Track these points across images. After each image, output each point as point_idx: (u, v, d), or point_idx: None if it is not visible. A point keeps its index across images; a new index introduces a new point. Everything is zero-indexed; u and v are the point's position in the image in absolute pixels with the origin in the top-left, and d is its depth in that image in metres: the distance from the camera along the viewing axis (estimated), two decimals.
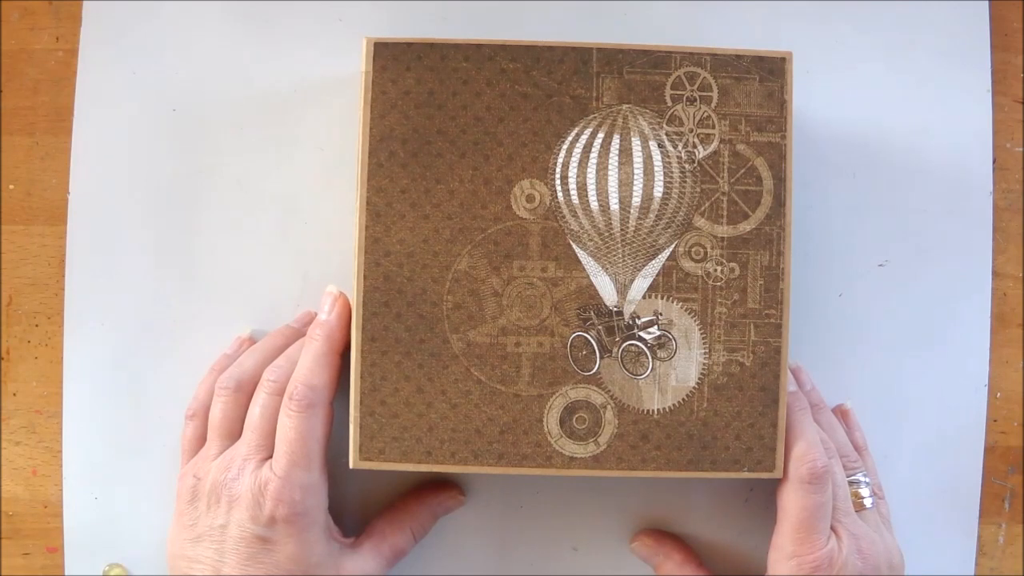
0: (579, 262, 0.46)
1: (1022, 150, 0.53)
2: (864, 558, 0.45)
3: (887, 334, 0.52)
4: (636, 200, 0.45)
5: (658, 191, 0.46)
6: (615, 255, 0.46)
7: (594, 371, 0.46)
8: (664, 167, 0.46)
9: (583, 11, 0.51)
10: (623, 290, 0.46)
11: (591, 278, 0.46)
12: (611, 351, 0.46)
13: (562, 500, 0.52)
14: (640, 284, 0.46)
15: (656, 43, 0.46)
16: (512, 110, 0.46)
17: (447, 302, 0.46)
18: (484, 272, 0.46)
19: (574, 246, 0.46)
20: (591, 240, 0.46)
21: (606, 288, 0.46)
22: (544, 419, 0.46)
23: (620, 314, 0.46)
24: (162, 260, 0.51)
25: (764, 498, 0.51)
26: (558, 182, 0.46)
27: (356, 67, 0.46)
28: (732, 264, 0.46)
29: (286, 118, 0.51)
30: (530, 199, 0.46)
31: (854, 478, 0.48)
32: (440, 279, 0.46)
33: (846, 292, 0.52)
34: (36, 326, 0.52)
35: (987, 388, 0.52)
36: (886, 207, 0.52)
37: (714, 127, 0.46)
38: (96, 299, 0.51)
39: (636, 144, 0.46)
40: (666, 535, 0.51)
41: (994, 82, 0.52)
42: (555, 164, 0.46)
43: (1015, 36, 0.53)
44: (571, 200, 0.46)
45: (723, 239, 0.46)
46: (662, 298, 0.46)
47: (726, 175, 0.46)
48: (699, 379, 0.46)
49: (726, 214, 0.46)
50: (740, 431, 0.46)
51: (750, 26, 0.52)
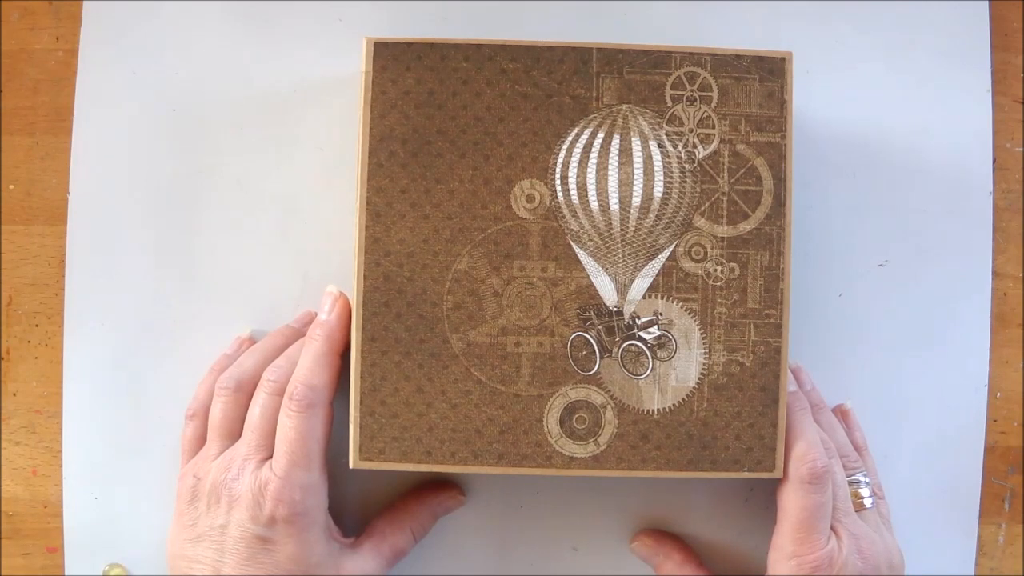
0: (579, 262, 0.46)
1: (1022, 150, 0.53)
2: (864, 558, 0.45)
3: (887, 334, 0.52)
4: (636, 200, 0.45)
5: (658, 191, 0.46)
6: (615, 255, 0.46)
7: (594, 371, 0.46)
8: (664, 167, 0.46)
9: (583, 11, 0.51)
10: (623, 290, 0.46)
11: (591, 278, 0.46)
12: (611, 351, 0.46)
13: (562, 500, 0.52)
14: (640, 284, 0.46)
15: (656, 43, 0.46)
16: (512, 110, 0.46)
17: (447, 302, 0.46)
18: (484, 272, 0.46)
19: (574, 246, 0.46)
20: (591, 240, 0.46)
21: (606, 288, 0.46)
22: (544, 419, 0.46)
23: (620, 314, 0.46)
24: (162, 260, 0.51)
25: (764, 498, 0.51)
26: (558, 182, 0.46)
27: (356, 67, 0.46)
28: (732, 264, 0.46)
29: (286, 118, 0.51)
30: (530, 199, 0.46)
31: (854, 478, 0.48)
32: (440, 279, 0.46)
33: (846, 292, 0.52)
34: (36, 326, 0.52)
35: (987, 388, 0.52)
36: (886, 207, 0.52)
37: (714, 127, 0.46)
38: (96, 299, 0.51)
39: (636, 144, 0.46)
40: (666, 535, 0.51)
41: (994, 82, 0.52)
42: (555, 164, 0.46)
43: (1015, 36, 0.53)
44: (571, 200, 0.46)
45: (723, 239, 0.46)
46: (662, 298, 0.46)
47: (726, 175, 0.46)
48: (699, 379, 0.46)
49: (726, 214, 0.46)
50: (740, 431, 0.46)
51: (750, 26, 0.52)
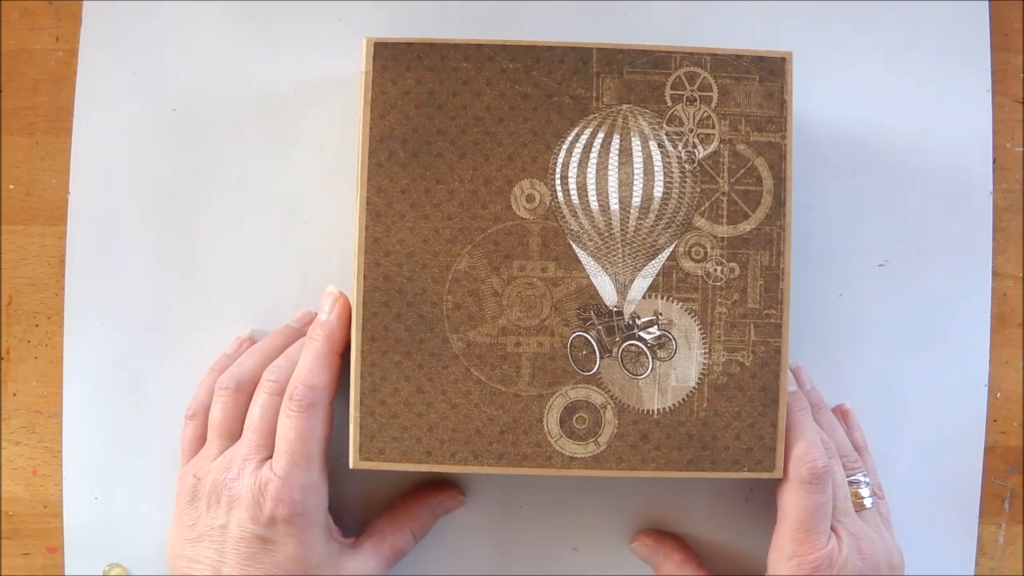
0: (579, 262, 0.46)
1: (1022, 150, 0.53)
2: (864, 558, 0.45)
3: (887, 334, 0.52)
4: (636, 200, 0.45)
5: (658, 191, 0.46)
6: (615, 255, 0.46)
7: (594, 371, 0.46)
8: (664, 167, 0.46)
9: (583, 11, 0.51)
10: (623, 290, 0.46)
11: (591, 278, 0.46)
12: (611, 351, 0.46)
13: (562, 500, 0.52)
14: (640, 284, 0.46)
15: (656, 43, 0.46)
16: (512, 110, 0.46)
17: (447, 302, 0.46)
18: (484, 272, 0.46)
19: (574, 246, 0.46)
20: (591, 240, 0.46)
21: (606, 288, 0.46)
22: (544, 419, 0.46)
23: (620, 314, 0.46)
24: (162, 260, 0.51)
25: (764, 498, 0.51)
26: (558, 182, 0.46)
27: (356, 67, 0.46)
28: (732, 264, 0.46)
29: (286, 118, 0.51)
30: (530, 199, 0.46)
31: (854, 478, 0.48)
32: (440, 279, 0.46)
33: (846, 292, 0.52)
34: (36, 326, 0.52)
35: (987, 388, 0.52)
36: (886, 207, 0.52)
37: (714, 127, 0.46)
38: (96, 299, 0.51)
39: (636, 144, 0.46)
40: (666, 535, 0.51)
41: (994, 82, 0.52)
42: (555, 164, 0.46)
43: (1015, 36, 0.53)
44: (571, 200, 0.46)
45: (723, 239, 0.46)
46: (662, 298, 0.46)
47: (726, 175, 0.46)
48: (699, 379, 0.46)
49: (726, 214, 0.46)
50: (740, 431, 0.46)
51: (750, 26, 0.52)
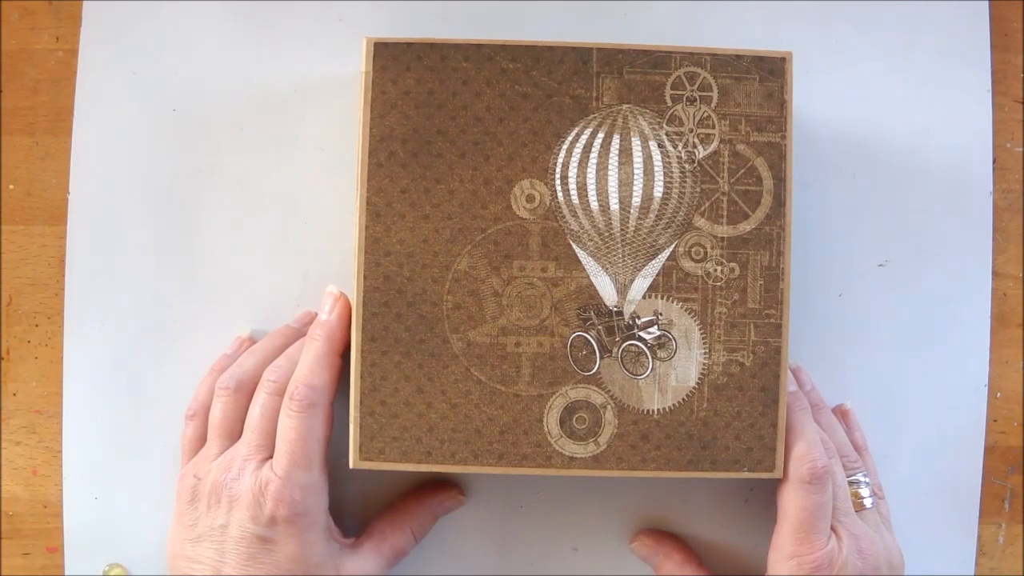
0: (579, 262, 0.46)
1: (1022, 150, 0.53)
2: (864, 558, 0.45)
3: (887, 334, 0.52)
4: (636, 200, 0.45)
5: (658, 191, 0.46)
6: (615, 255, 0.46)
7: (594, 371, 0.46)
8: (664, 167, 0.46)
9: (583, 11, 0.51)
10: (623, 290, 0.46)
11: (591, 278, 0.46)
12: (611, 351, 0.46)
13: (562, 500, 0.52)
14: (640, 284, 0.46)
15: (656, 43, 0.46)
16: (512, 110, 0.46)
17: (447, 302, 0.46)
18: (484, 272, 0.46)
19: (574, 246, 0.46)
20: (591, 240, 0.46)
21: (606, 288, 0.46)
22: (544, 419, 0.46)
23: (620, 314, 0.46)
24: (162, 260, 0.51)
25: (764, 498, 0.51)
26: (558, 182, 0.46)
27: (356, 67, 0.46)
28: (732, 264, 0.46)
29: (286, 118, 0.51)
30: (530, 199, 0.46)
31: (854, 478, 0.48)
32: (440, 279, 0.46)
33: (846, 292, 0.52)
34: (36, 326, 0.52)
35: (987, 388, 0.52)
36: (886, 207, 0.52)
37: (714, 127, 0.46)
38: (96, 299, 0.51)
39: (636, 144, 0.46)
40: (666, 535, 0.51)
41: (994, 82, 0.52)
42: (555, 164, 0.46)
43: (1015, 36, 0.53)
44: (571, 200, 0.46)
45: (723, 239, 0.46)
46: (662, 298, 0.46)
47: (726, 175, 0.46)
48: (699, 379, 0.46)
49: (726, 214, 0.46)
50: (740, 431, 0.46)
51: (750, 26, 0.52)
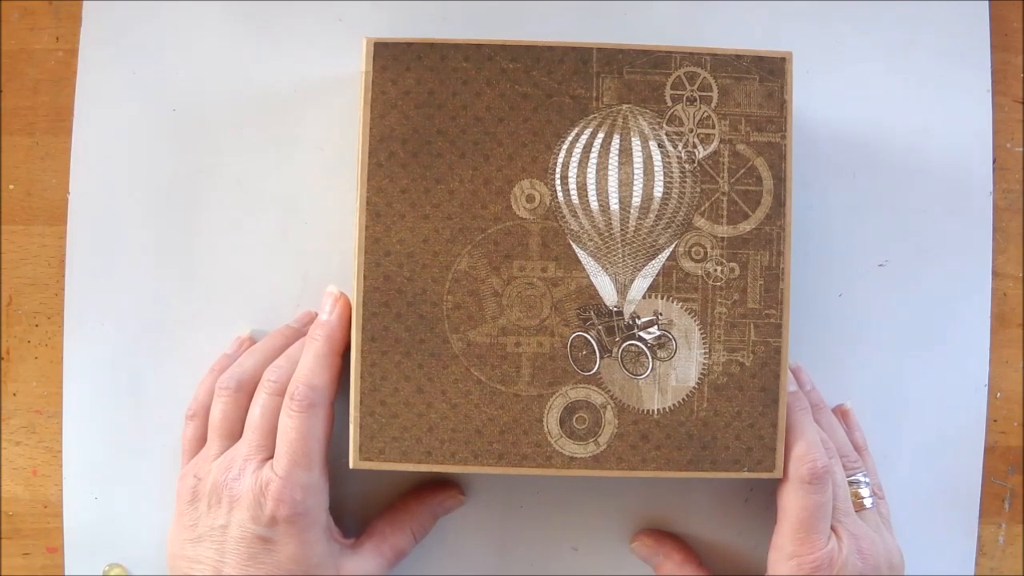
0: (579, 262, 0.46)
1: (1022, 150, 0.53)
2: (864, 558, 0.45)
3: (887, 334, 0.52)
4: (636, 200, 0.45)
5: (658, 191, 0.46)
6: (615, 255, 0.46)
7: (594, 371, 0.46)
8: (664, 167, 0.46)
9: (583, 11, 0.51)
10: (623, 290, 0.46)
11: (591, 278, 0.46)
12: (611, 351, 0.46)
13: (562, 500, 0.52)
14: (640, 284, 0.46)
15: (656, 43, 0.46)
16: (512, 110, 0.46)
17: (447, 302, 0.46)
18: (484, 272, 0.46)
19: (574, 246, 0.46)
20: (591, 240, 0.46)
21: (606, 288, 0.46)
22: (544, 419, 0.46)
23: (620, 314, 0.46)
24: (162, 260, 0.51)
25: (764, 498, 0.51)
26: (558, 182, 0.46)
27: (356, 67, 0.46)
28: (732, 264, 0.46)
29: (286, 118, 0.51)
30: (530, 199, 0.46)
31: (854, 478, 0.48)
32: (440, 279, 0.46)
33: (846, 292, 0.52)
34: (36, 326, 0.52)
35: (987, 388, 0.52)
36: (886, 207, 0.52)
37: (714, 127, 0.46)
38: (96, 299, 0.51)
39: (636, 144, 0.46)
40: (666, 535, 0.51)
41: (994, 82, 0.52)
42: (555, 164, 0.46)
43: (1015, 36, 0.53)
44: (571, 200, 0.46)
45: (723, 239, 0.46)
46: (662, 298, 0.46)
47: (726, 175, 0.46)
48: (699, 379, 0.46)
49: (726, 214, 0.46)
50: (740, 431, 0.46)
51: (750, 26, 0.52)
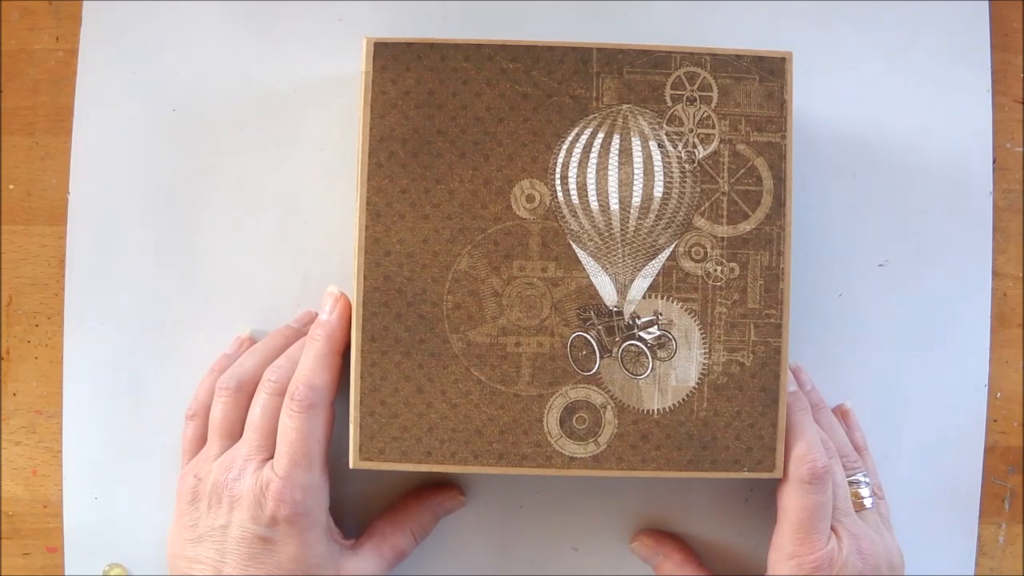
0: (579, 262, 0.46)
1: (1022, 150, 0.53)
2: (864, 558, 0.45)
3: (887, 334, 0.52)
4: (636, 200, 0.45)
5: (658, 191, 0.46)
6: (615, 255, 0.46)
7: (594, 371, 0.46)
8: (664, 167, 0.46)
9: (583, 11, 0.51)
10: (623, 290, 0.46)
11: (591, 278, 0.46)
12: (611, 351, 0.46)
13: (562, 500, 0.52)
14: (640, 284, 0.46)
15: (656, 43, 0.46)
16: (512, 110, 0.46)
17: (447, 302, 0.46)
18: (484, 272, 0.46)
19: (574, 246, 0.46)
20: (591, 240, 0.46)
21: (606, 288, 0.46)
22: (544, 419, 0.46)
23: (620, 314, 0.46)
24: (162, 260, 0.51)
25: (764, 498, 0.51)
26: (558, 182, 0.46)
27: (356, 67, 0.46)
28: (732, 264, 0.46)
29: (286, 118, 0.51)
30: (530, 199, 0.46)
31: (854, 478, 0.48)
32: (440, 279, 0.46)
33: (846, 292, 0.52)
34: (36, 326, 0.52)
35: (987, 388, 0.52)
36: (886, 207, 0.52)
37: (714, 127, 0.46)
38: (96, 299, 0.51)
39: (636, 144, 0.46)
40: (666, 535, 0.51)
41: (994, 82, 0.52)
42: (555, 164, 0.46)
43: (1015, 36, 0.53)
44: (571, 200, 0.46)
45: (723, 239, 0.46)
46: (662, 298, 0.46)
47: (726, 175, 0.46)
48: (699, 379, 0.46)
49: (726, 214, 0.46)
50: (740, 431, 0.46)
51: (750, 26, 0.52)
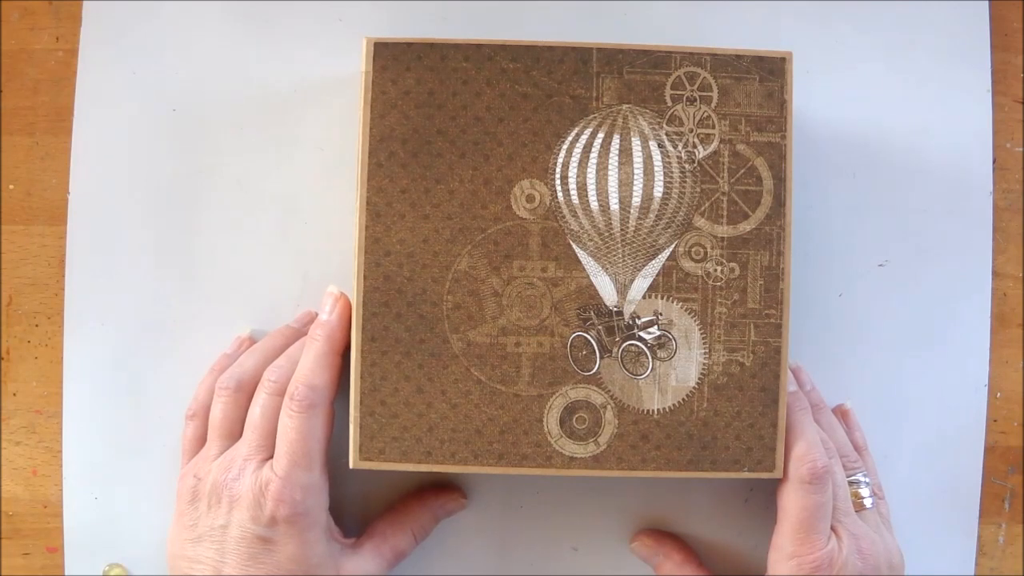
0: (579, 262, 0.46)
1: (1022, 150, 0.53)
2: (864, 558, 0.45)
3: (887, 334, 0.52)
4: (636, 200, 0.45)
5: (658, 191, 0.46)
6: (615, 255, 0.46)
7: (594, 371, 0.46)
8: (664, 167, 0.46)
9: (583, 11, 0.51)
10: (623, 290, 0.46)
11: (591, 278, 0.46)
12: (611, 351, 0.46)
13: (562, 500, 0.52)
14: (640, 284, 0.46)
15: (656, 43, 0.46)
16: (512, 110, 0.46)
17: (447, 302, 0.46)
18: (484, 272, 0.46)
19: (574, 246, 0.46)
20: (591, 240, 0.46)
21: (606, 288, 0.46)
22: (544, 419, 0.46)
23: (620, 314, 0.46)
24: (162, 260, 0.51)
25: (764, 498, 0.51)
26: (558, 182, 0.46)
27: (356, 67, 0.46)
28: (732, 264, 0.46)
29: (286, 118, 0.51)
30: (530, 199, 0.46)
31: (854, 478, 0.48)
32: (440, 279, 0.46)
33: (846, 292, 0.52)
34: (36, 326, 0.52)
35: (987, 388, 0.52)
36: (886, 207, 0.52)
37: (714, 127, 0.46)
38: (96, 299, 0.51)
39: (636, 144, 0.46)
40: (666, 535, 0.51)
41: (994, 82, 0.52)
42: (555, 164, 0.46)
43: (1015, 36, 0.53)
44: (571, 200, 0.46)
45: (723, 239, 0.46)
46: (662, 298, 0.46)
47: (726, 175, 0.46)
48: (699, 379, 0.46)
49: (726, 214, 0.46)
50: (740, 431, 0.46)
51: (750, 26, 0.52)
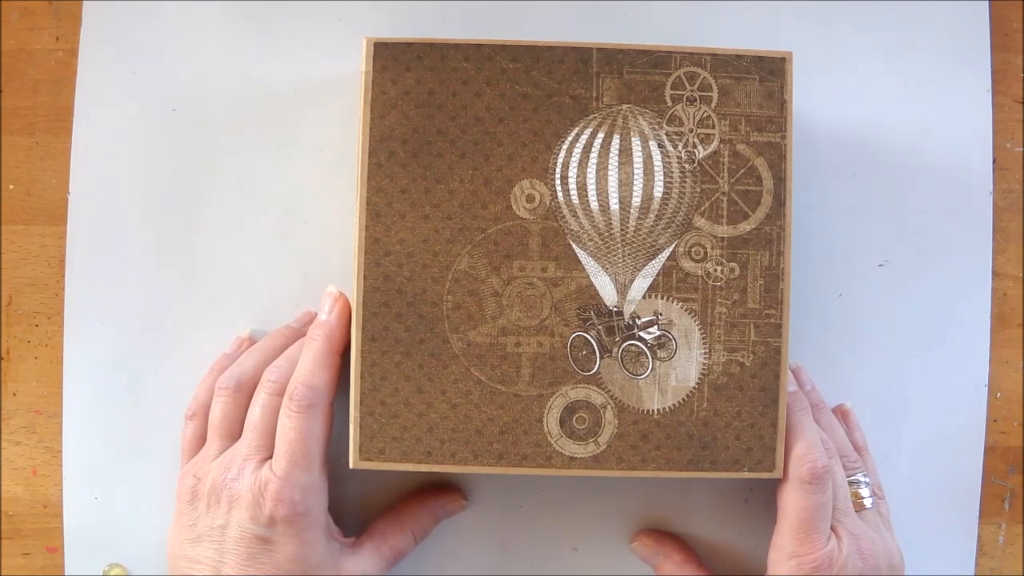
0: (579, 262, 0.46)
1: (1022, 150, 0.53)
2: (864, 558, 0.45)
3: (887, 334, 0.52)
4: (636, 200, 0.45)
5: (658, 191, 0.46)
6: (615, 255, 0.46)
7: (594, 371, 0.46)
8: (664, 167, 0.46)
9: (583, 11, 0.51)
10: (623, 290, 0.46)
11: (591, 278, 0.46)
12: (611, 351, 0.46)
13: (562, 500, 0.52)
14: (640, 284, 0.46)
15: (656, 43, 0.46)
16: (512, 110, 0.46)
17: (447, 302, 0.46)
18: (484, 272, 0.46)
19: (574, 246, 0.46)
20: (591, 240, 0.46)
21: (606, 288, 0.46)
22: (544, 419, 0.46)
23: (620, 314, 0.46)
24: (162, 260, 0.51)
25: (764, 498, 0.51)
26: (558, 182, 0.46)
27: (356, 67, 0.46)
28: (732, 264, 0.46)
29: (286, 118, 0.51)
30: (530, 199, 0.46)
31: (854, 478, 0.48)
32: (440, 279, 0.46)
33: (846, 292, 0.52)
34: (36, 326, 0.52)
35: (987, 388, 0.52)
36: (886, 207, 0.52)
37: (714, 127, 0.46)
38: (96, 299, 0.51)
39: (636, 144, 0.46)
40: (666, 535, 0.51)
41: (994, 82, 0.52)
42: (555, 164, 0.46)
43: (1015, 36, 0.53)
44: (571, 200, 0.46)
45: (723, 239, 0.46)
46: (662, 298, 0.46)
47: (726, 175, 0.46)
48: (699, 379, 0.46)
49: (726, 214, 0.46)
50: (740, 431, 0.46)
51: (750, 26, 0.52)
